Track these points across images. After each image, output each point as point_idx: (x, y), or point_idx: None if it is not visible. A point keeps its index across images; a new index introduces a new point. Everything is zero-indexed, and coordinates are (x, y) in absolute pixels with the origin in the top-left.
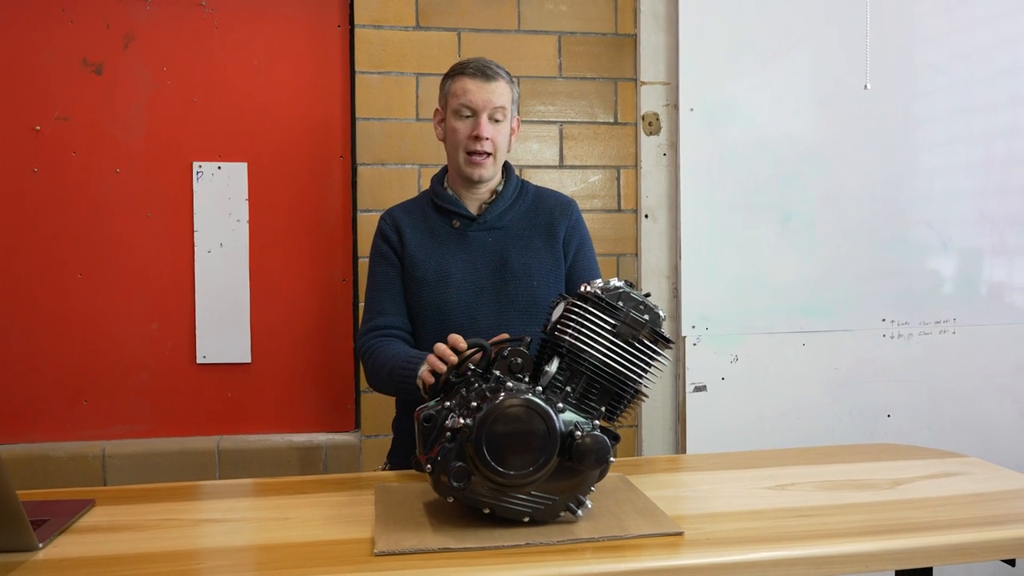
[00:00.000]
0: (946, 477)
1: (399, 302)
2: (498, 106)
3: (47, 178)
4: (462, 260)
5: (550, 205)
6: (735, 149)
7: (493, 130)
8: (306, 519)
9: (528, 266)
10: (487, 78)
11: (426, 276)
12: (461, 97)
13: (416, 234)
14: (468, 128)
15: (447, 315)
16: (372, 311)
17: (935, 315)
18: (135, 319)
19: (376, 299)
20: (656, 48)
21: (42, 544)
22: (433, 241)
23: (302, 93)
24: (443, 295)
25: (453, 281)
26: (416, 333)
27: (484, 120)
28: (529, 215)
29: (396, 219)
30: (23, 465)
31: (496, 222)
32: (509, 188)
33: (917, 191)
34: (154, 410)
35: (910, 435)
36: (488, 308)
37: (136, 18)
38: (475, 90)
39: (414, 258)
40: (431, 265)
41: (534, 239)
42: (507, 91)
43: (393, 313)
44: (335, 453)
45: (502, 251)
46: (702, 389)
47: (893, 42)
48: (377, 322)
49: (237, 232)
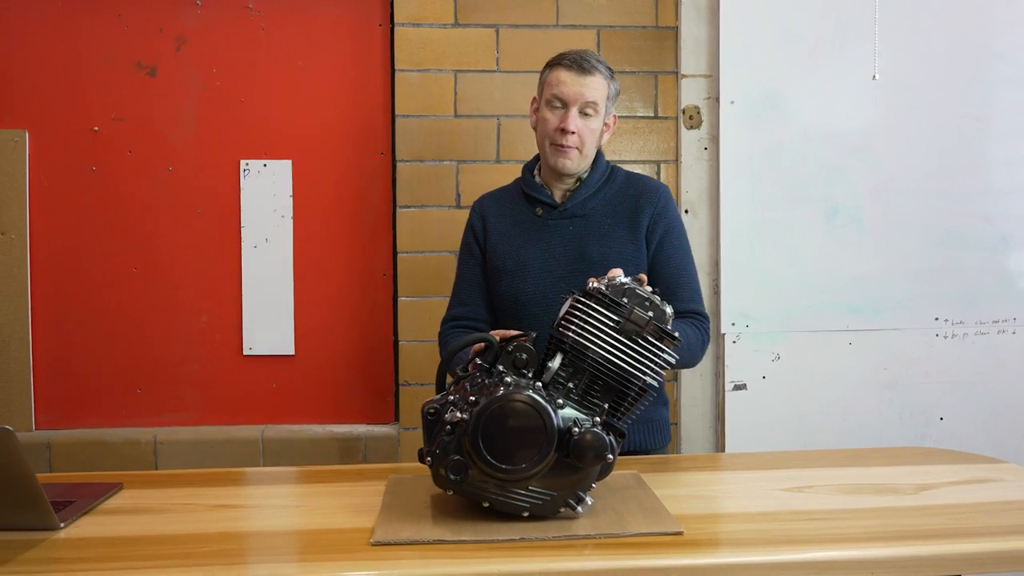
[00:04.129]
0: (976, 483)
1: (478, 293)
2: (590, 100)
3: (104, 176)
4: (541, 250)
5: (637, 192)
6: (778, 142)
7: (582, 123)
8: (317, 507)
9: (606, 257)
10: (583, 71)
11: (505, 266)
12: (554, 88)
13: (501, 223)
14: (557, 120)
15: (524, 305)
16: (454, 300)
17: (993, 314)
18: (185, 312)
19: (458, 290)
20: (697, 40)
21: (64, 524)
22: (516, 229)
23: (344, 92)
24: (520, 285)
25: (531, 271)
26: (497, 323)
27: (573, 113)
28: (614, 203)
29: (484, 208)
30: (80, 449)
31: (578, 210)
32: (595, 175)
33: (974, 184)
34: (203, 399)
35: (964, 439)
36: (563, 300)
37: (187, 22)
38: (568, 82)
39: (495, 248)
40: (511, 255)
41: (616, 228)
42: (602, 86)
43: (472, 304)
44: (374, 444)
45: (581, 241)
46: (742, 388)
47: (952, 31)
48: (455, 312)
49: (282, 228)
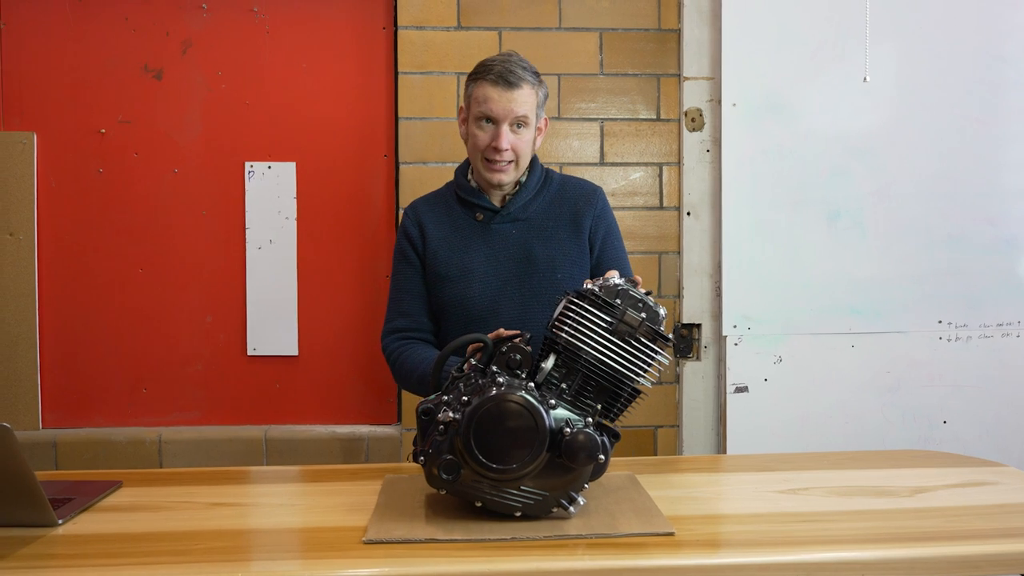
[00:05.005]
0: (973, 486)
1: (419, 303)
2: (520, 115)
3: (111, 178)
4: (485, 254)
5: (575, 195)
6: (780, 145)
7: (514, 138)
8: (312, 506)
9: (553, 258)
10: (509, 85)
11: (448, 272)
12: (482, 105)
13: (439, 229)
14: (488, 137)
15: (470, 310)
16: (393, 311)
17: (997, 317)
18: (190, 312)
19: (397, 299)
20: (700, 42)
21: (62, 521)
22: (456, 235)
23: (348, 94)
24: (465, 290)
25: (476, 275)
26: (440, 329)
27: (504, 130)
28: (553, 205)
29: (419, 213)
30: (87, 448)
31: (520, 213)
32: (533, 179)
33: (977, 187)
34: (207, 399)
35: (968, 443)
36: (511, 302)
37: (193, 25)
38: (496, 99)
39: (436, 254)
40: (453, 260)
41: (558, 230)
42: (530, 97)
43: (413, 314)
44: (377, 445)
45: (526, 243)
46: (743, 390)
47: (955, 34)
48: (397, 323)
49: (286, 229)
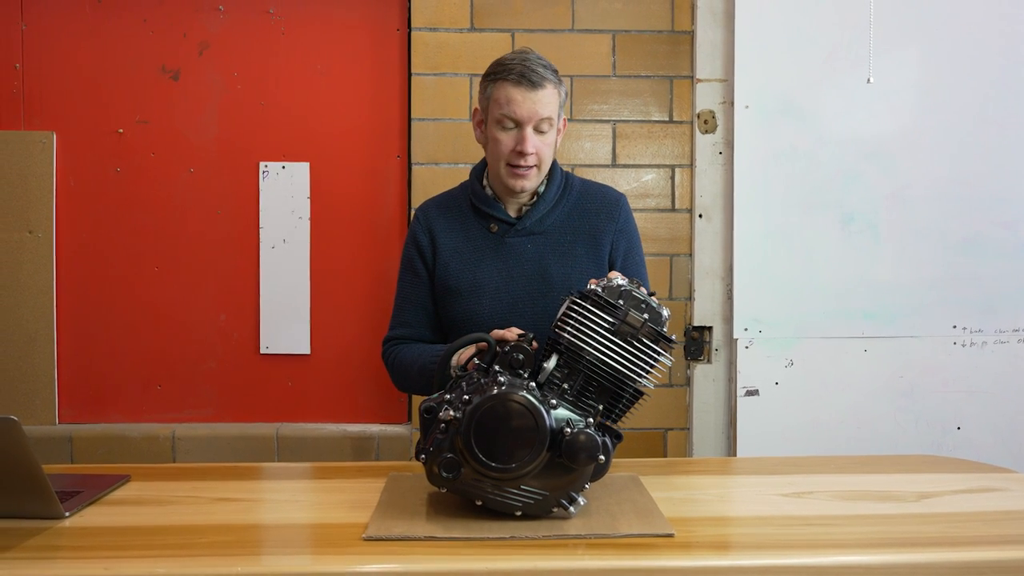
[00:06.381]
0: (980, 492)
1: (422, 315)
2: (544, 117)
3: (128, 178)
4: (497, 269)
5: (596, 206)
6: (793, 147)
7: (539, 141)
8: (316, 502)
9: (569, 277)
10: (532, 85)
11: (459, 286)
12: (504, 107)
13: (450, 238)
14: (512, 141)
15: (479, 327)
16: (395, 320)
17: (1013, 323)
18: (205, 310)
19: (400, 308)
20: (713, 44)
21: (68, 513)
22: (468, 246)
23: (362, 95)
24: (475, 306)
25: (487, 291)
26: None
27: (529, 133)
28: (572, 218)
29: (430, 219)
30: (101, 443)
31: (536, 227)
32: (552, 189)
33: (992, 191)
34: (220, 396)
35: (982, 449)
36: (523, 321)
37: (210, 27)
38: (520, 100)
39: (447, 266)
40: (464, 274)
41: (576, 246)
42: (554, 97)
43: (415, 325)
44: (387, 444)
45: (541, 260)
46: (754, 393)
47: (972, 37)
48: (398, 332)
49: (299, 229)
